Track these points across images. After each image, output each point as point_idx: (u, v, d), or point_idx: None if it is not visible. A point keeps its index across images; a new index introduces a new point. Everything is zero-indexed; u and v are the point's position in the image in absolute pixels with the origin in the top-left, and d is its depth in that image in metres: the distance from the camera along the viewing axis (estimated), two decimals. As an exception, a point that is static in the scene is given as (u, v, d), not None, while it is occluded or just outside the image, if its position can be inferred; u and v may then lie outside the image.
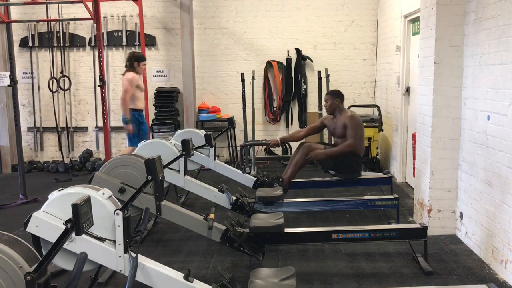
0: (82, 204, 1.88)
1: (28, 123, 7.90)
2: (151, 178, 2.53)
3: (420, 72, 4.45)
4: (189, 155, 3.76)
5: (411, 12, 5.68)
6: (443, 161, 4.14)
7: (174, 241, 4.26)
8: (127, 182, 3.61)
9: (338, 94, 4.99)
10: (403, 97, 6.07)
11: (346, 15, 7.71)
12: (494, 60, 3.49)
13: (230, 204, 4.35)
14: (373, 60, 7.78)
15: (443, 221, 4.20)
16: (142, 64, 5.86)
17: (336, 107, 4.93)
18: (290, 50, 7.75)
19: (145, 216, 2.51)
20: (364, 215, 4.86)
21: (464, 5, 3.96)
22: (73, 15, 7.34)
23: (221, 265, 3.58)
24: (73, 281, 1.92)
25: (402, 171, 6.19)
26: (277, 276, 2.67)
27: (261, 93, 7.87)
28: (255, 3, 7.73)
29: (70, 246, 2.27)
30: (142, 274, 2.39)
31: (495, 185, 3.49)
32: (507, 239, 3.31)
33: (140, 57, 5.87)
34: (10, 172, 7.48)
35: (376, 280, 3.38)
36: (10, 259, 1.88)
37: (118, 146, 7.95)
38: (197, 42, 7.72)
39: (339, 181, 4.99)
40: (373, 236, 3.58)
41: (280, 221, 3.54)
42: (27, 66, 7.79)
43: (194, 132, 4.99)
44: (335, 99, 4.92)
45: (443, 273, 3.46)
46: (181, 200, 5.26)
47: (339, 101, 4.94)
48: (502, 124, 3.38)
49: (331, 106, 4.94)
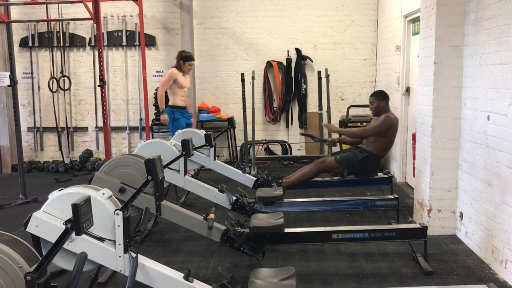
0: (82, 204, 1.88)
1: (28, 123, 7.90)
2: (151, 178, 2.53)
3: (420, 72, 4.45)
4: (189, 155, 3.76)
5: (411, 12, 5.68)
6: (443, 161, 4.14)
7: (174, 241, 4.26)
8: (127, 182, 3.61)
9: (383, 95, 4.85)
10: (403, 97, 6.07)
11: (346, 15, 7.71)
12: (494, 60, 3.49)
13: (230, 204, 4.35)
14: (373, 60, 7.78)
15: (443, 221, 4.20)
16: (188, 64, 6.05)
17: (381, 109, 4.80)
18: (290, 50, 7.75)
19: (145, 216, 2.51)
20: (364, 215, 4.86)
21: (464, 5, 3.96)
22: (73, 15, 7.34)
23: (221, 265, 3.57)
24: (73, 281, 1.92)
25: (402, 171, 6.19)
26: (277, 276, 2.67)
27: (261, 93, 7.87)
28: (255, 3, 7.73)
29: (70, 246, 2.27)
30: (142, 274, 2.39)
31: (495, 185, 3.49)
32: (507, 239, 3.31)
33: (187, 56, 6.06)
34: (10, 172, 7.48)
35: (376, 280, 3.38)
36: (10, 259, 1.88)
37: (118, 146, 7.95)
38: (197, 42, 7.72)
39: (339, 181, 4.99)
40: (373, 236, 3.58)
41: (280, 221, 3.54)
42: (27, 66, 7.79)
43: (194, 132, 4.98)
44: (381, 101, 4.80)
45: (443, 273, 3.46)
46: (181, 200, 5.26)
47: (385, 102, 4.81)
48: (502, 124, 3.38)
49: (376, 108, 4.82)
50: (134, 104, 7.87)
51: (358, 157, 4.74)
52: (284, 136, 7.95)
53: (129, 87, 7.84)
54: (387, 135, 4.76)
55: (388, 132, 4.75)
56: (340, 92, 7.84)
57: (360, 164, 4.73)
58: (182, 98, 6.12)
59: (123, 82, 7.84)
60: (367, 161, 4.74)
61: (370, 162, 4.76)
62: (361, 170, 4.78)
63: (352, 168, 4.77)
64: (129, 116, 7.89)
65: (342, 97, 7.86)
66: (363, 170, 4.79)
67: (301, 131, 7.55)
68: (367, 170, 4.80)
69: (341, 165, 4.76)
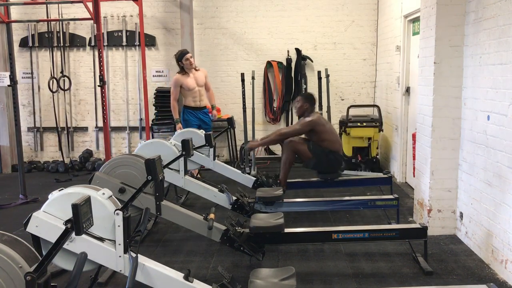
0: (82, 204, 1.88)
1: (28, 123, 7.90)
2: (151, 178, 2.53)
3: (420, 72, 4.45)
4: (189, 155, 3.76)
5: (411, 12, 5.68)
6: (443, 161, 4.14)
7: (174, 241, 4.26)
8: (127, 182, 3.61)
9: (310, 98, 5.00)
10: (403, 97, 6.07)
11: (346, 15, 7.71)
12: (494, 60, 3.49)
13: (230, 204, 4.35)
14: (373, 60, 7.78)
15: (443, 221, 4.20)
16: (184, 60, 5.95)
17: (305, 111, 4.95)
18: (290, 50, 7.75)
19: (145, 216, 2.51)
20: (364, 215, 4.86)
21: (464, 5, 3.96)
22: (73, 15, 7.34)
23: (221, 265, 3.57)
24: (73, 281, 1.92)
25: (402, 171, 6.19)
26: (277, 276, 2.67)
27: (261, 93, 7.87)
28: (255, 3, 7.73)
29: (70, 246, 2.27)
30: (142, 274, 2.39)
31: (495, 185, 3.49)
32: (507, 239, 3.31)
33: (180, 55, 6.00)
34: (10, 172, 7.48)
35: (376, 280, 3.38)
36: (10, 259, 1.88)
37: (118, 146, 7.95)
38: (197, 42, 7.72)
39: (339, 181, 4.99)
40: (373, 236, 3.58)
41: (280, 221, 3.54)
42: (27, 66, 7.79)
43: (194, 132, 4.98)
44: (305, 103, 4.94)
45: (443, 273, 3.46)
46: (181, 200, 5.26)
47: (309, 105, 4.95)
48: (502, 124, 3.38)
49: (300, 108, 4.97)
50: (134, 104, 7.87)
51: (325, 150, 4.79)
52: (284, 136, 7.94)
53: (129, 87, 7.84)
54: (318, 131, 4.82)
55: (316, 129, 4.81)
56: (340, 92, 7.84)
57: (327, 157, 4.79)
58: (194, 99, 6.06)
59: (123, 82, 7.84)
60: (331, 156, 4.81)
61: (333, 158, 4.83)
62: (326, 165, 4.84)
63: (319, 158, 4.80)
64: (129, 116, 7.89)
65: (342, 97, 7.86)
66: (328, 166, 4.85)
67: None
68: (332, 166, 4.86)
69: (310, 152, 4.81)
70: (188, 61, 5.96)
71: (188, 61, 5.96)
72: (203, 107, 6.17)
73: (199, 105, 6.12)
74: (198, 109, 6.12)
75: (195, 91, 6.04)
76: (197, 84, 6.05)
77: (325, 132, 4.86)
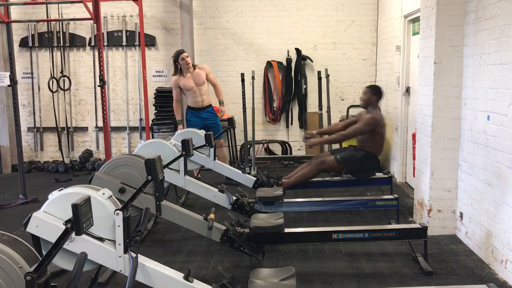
0: (82, 204, 1.88)
1: (28, 123, 7.90)
2: (151, 178, 2.53)
3: (420, 72, 4.45)
4: (189, 155, 3.76)
5: (411, 12, 5.68)
6: (443, 161, 4.14)
7: (174, 241, 4.26)
8: (127, 182, 3.61)
9: (378, 91, 4.86)
10: (403, 97, 6.07)
11: (346, 15, 7.71)
12: (494, 60, 3.49)
13: (230, 204, 4.35)
14: (373, 60, 7.78)
15: (443, 221, 4.20)
16: (180, 60, 5.93)
17: (370, 104, 4.81)
18: (290, 50, 7.75)
19: (145, 216, 2.51)
20: (364, 215, 4.86)
21: (464, 5, 3.96)
22: (73, 15, 7.34)
23: (221, 265, 3.58)
24: (73, 281, 1.92)
25: (402, 171, 6.19)
26: (277, 276, 2.67)
27: (261, 93, 7.87)
28: (255, 3, 7.73)
29: (70, 246, 2.27)
30: (142, 274, 2.39)
31: (495, 185, 3.49)
32: (507, 239, 3.31)
33: (175, 55, 5.98)
34: (10, 172, 7.48)
35: (376, 280, 3.38)
36: (10, 259, 1.88)
37: (118, 146, 7.95)
38: (197, 42, 7.72)
39: (339, 181, 4.99)
40: (373, 236, 3.58)
41: (280, 221, 3.54)
42: (27, 66, 7.79)
43: (194, 132, 4.98)
44: (374, 96, 4.81)
45: (443, 273, 3.46)
46: (181, 200, 5.26)
47: (376, 98, 4.82)
48: (502, 124, 3.38)
49: (367, 100, 4.82)
50: (134, 104, 7.87)
51: (357, 156, 4.74)
52: (284, 136, 7.95)
53: (129, 87, 7.84)
54: (376, 133, 4.75)
55: (376, 130, 4.74)
56: (340, 92, 7.84)
57: (360, 163, 4.73)
58: (195, 99, 6.06)
59: (123, 82, 7.84)
60: (365, 160, 4.74)
61: (368, 161, 4.77)
62: (360, 169, 4.79)
63: (352, 167, 4.78)
64: (129, 116, 7.89)
65: (342, 97, 7.86)
66: (362, 169, 4.79)
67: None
68: (366, 169, 4.80)
69: (340, 165, 4.78)
70: (184, 60, 5.94)
71: (184, 60, 5.94)
72: (205, 107, 6.16)
73: (201, 105, 6.11)
74: (201, 109, 6.11)
75: (194, 91, 6.03)
76: (195, 84, 6.03)
77: (380, 135, 4.78)
